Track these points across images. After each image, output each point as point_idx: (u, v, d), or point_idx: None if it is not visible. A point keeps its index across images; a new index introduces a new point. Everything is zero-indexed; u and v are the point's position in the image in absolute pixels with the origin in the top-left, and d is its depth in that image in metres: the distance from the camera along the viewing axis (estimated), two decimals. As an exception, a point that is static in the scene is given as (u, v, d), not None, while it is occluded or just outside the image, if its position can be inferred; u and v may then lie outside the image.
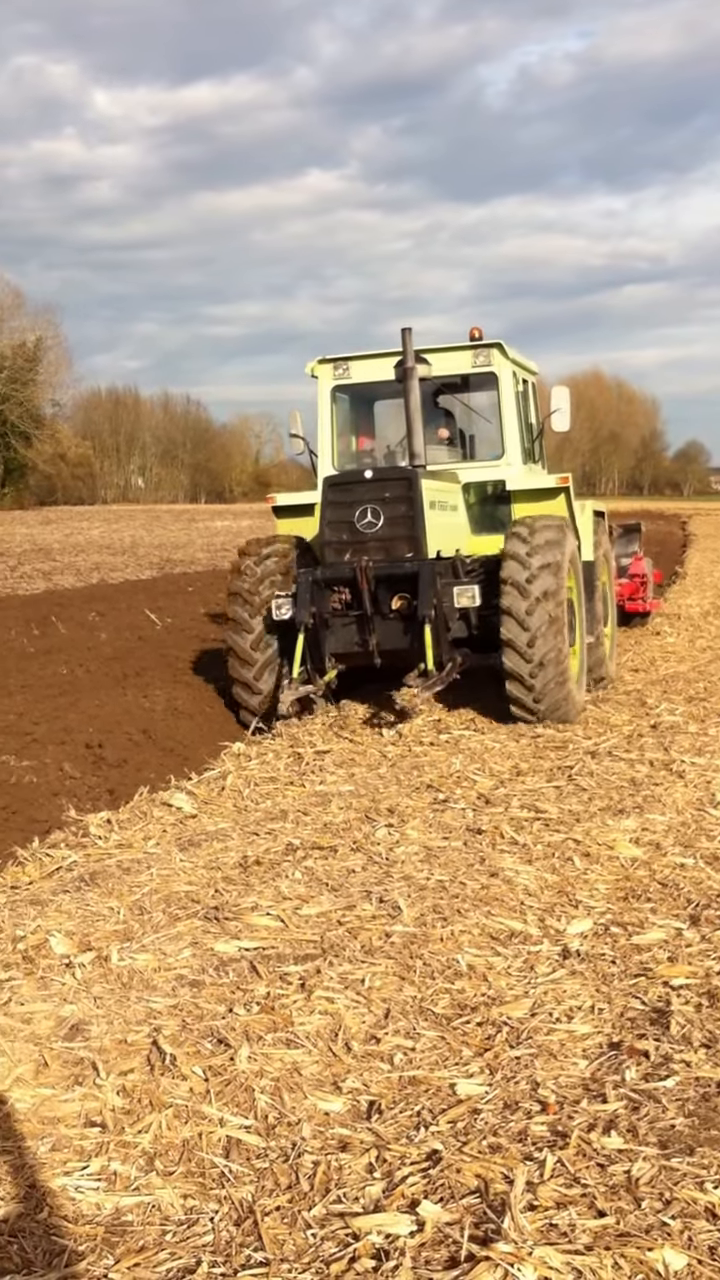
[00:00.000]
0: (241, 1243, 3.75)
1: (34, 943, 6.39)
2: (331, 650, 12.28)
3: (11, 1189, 4.13)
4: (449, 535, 12.71)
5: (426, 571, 11.69)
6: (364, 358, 13.80)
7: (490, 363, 13.35)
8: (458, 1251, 3.54)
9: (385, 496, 11.92)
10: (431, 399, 13.88)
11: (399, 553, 11.92)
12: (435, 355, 13.30)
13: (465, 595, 11.91)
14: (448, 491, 12.87)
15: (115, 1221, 3.92)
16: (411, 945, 6.19)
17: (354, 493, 12.04)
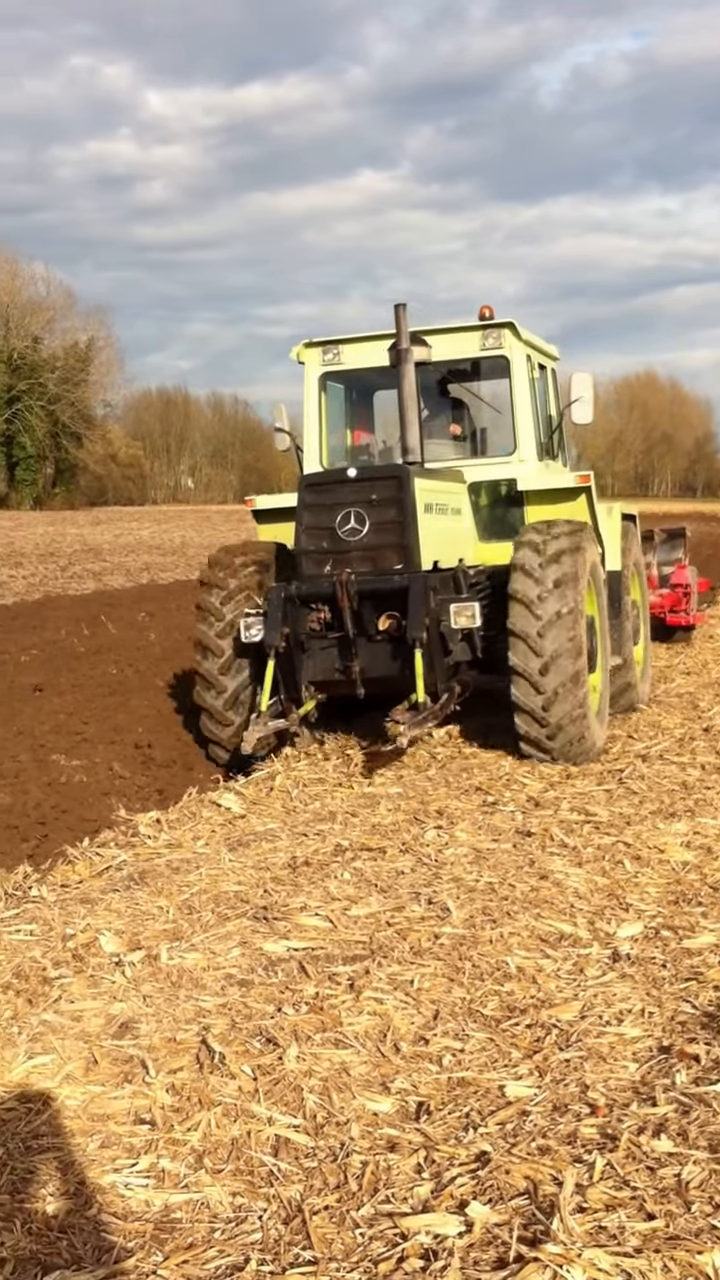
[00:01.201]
0: (290, 1241, 3.77)
1: (84, 941, 6.44)
2: (309, 678, 10.59)
3: (61, 1185, 4.17)
4: (450, 543, 11.11)
5: (418, 586, 9.99)
6: (357, 340, 12.22)
7: (500, 345, 11.78)
8: (506, 1252, 3.55)
9: (371, 499, 10.29)
10: (439, 388, 12.51)
11: (387, 564, 10.26)
12: (438, 337, 11.75)
13: (464, 614, 10.19)
14: (449, 493, 11.26)
15: (164, 1219, 3.95)
16: (460, 947, 6.19)
17: (335, 494, 10.39)
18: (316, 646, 10.53)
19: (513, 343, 11.79)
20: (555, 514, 11.30)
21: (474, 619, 10.16)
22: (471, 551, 11.67)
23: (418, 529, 10.21)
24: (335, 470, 11.23)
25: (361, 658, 10.33)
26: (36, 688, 12.79)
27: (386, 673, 10.33)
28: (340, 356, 12.25)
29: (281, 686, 10.46)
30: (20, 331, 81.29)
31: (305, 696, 10.56)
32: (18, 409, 79.44)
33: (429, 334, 11.61)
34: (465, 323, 11.83)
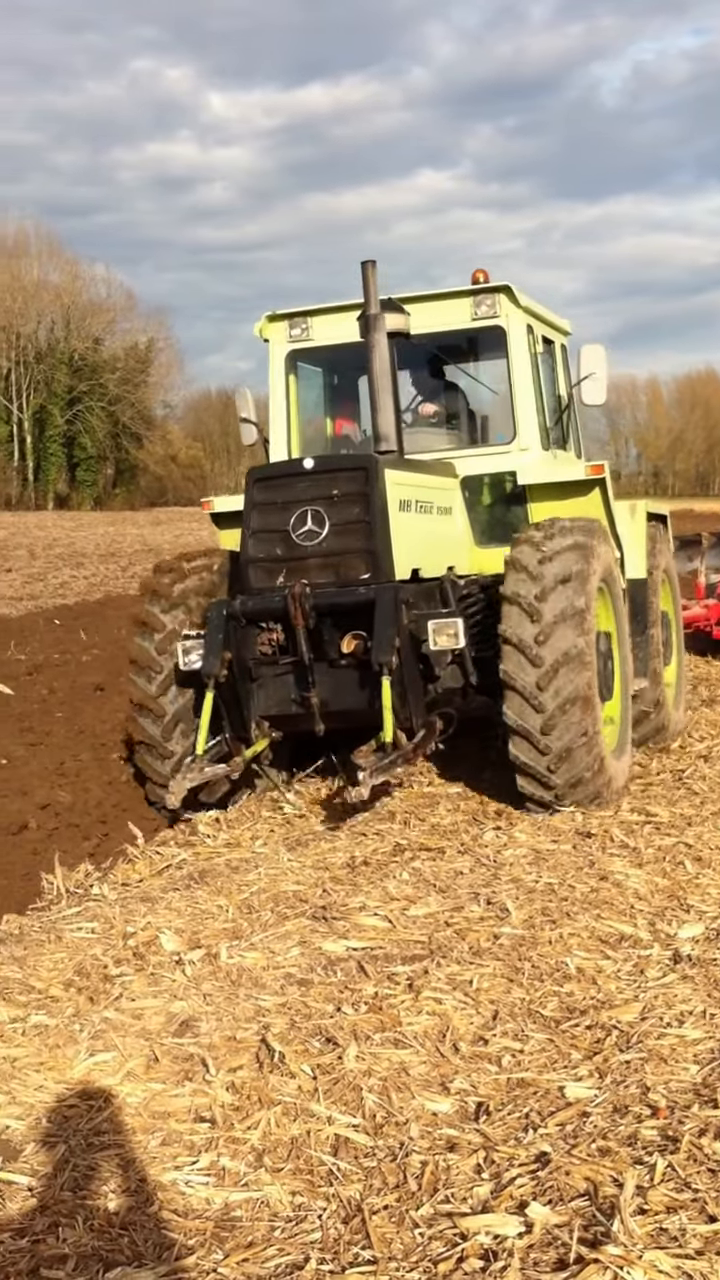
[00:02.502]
0: (349, 1240, 3.78)
1: (144, 939, 6.48)
2: (260, 712, 8.93)
3: (122, 1182, 4.19)
4: (436, 548, 9.45)
5: (386, 599, 8.32)
6: (330, 311, 10.45)
7: (495, 313, 10.04)
8: (566, 1254, 3.53)
9: (332, 495, 8.63)
10: (428, 365, 10.83)
11: (352, 573, 8.58)
12: (421, 306, 10.00)
13: (445, 632, 8.52)
14: (435, 488, 9.61)
15: (224, 1217, 3.97)
16: (520, 947, 6.17)
17: (288, 490, 8.74)
18: (268, 674, 8.88)
19: (510, 310, 10.09)
20: (564, 512, 9.62)
21: (457, 638, 8.50)
22: (465, 558, 10.02)
23: (389, 530, 8.58)
24: (289, 462, 9.57)
25: (321, 687, 8.70)
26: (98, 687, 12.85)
27: (352, 705, 8.66)
28: (310, 331, 10.54)
29: (227, 723, 8.89)
30: (81, 333, 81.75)
31: (255, 734, 8.94)
32: (79, 410, 79.94)
33: (409, 301, 9.94)
34: (452, 288, 10.21)
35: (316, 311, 10.50)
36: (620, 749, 9.36)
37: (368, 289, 9.12)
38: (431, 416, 10.72)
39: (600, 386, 10.02)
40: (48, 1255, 3.73)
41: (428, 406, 10.75)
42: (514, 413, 10.18)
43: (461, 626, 8.51)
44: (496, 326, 10.11)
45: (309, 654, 8.55)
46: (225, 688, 8.73)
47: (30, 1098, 4.83)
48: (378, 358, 9.07)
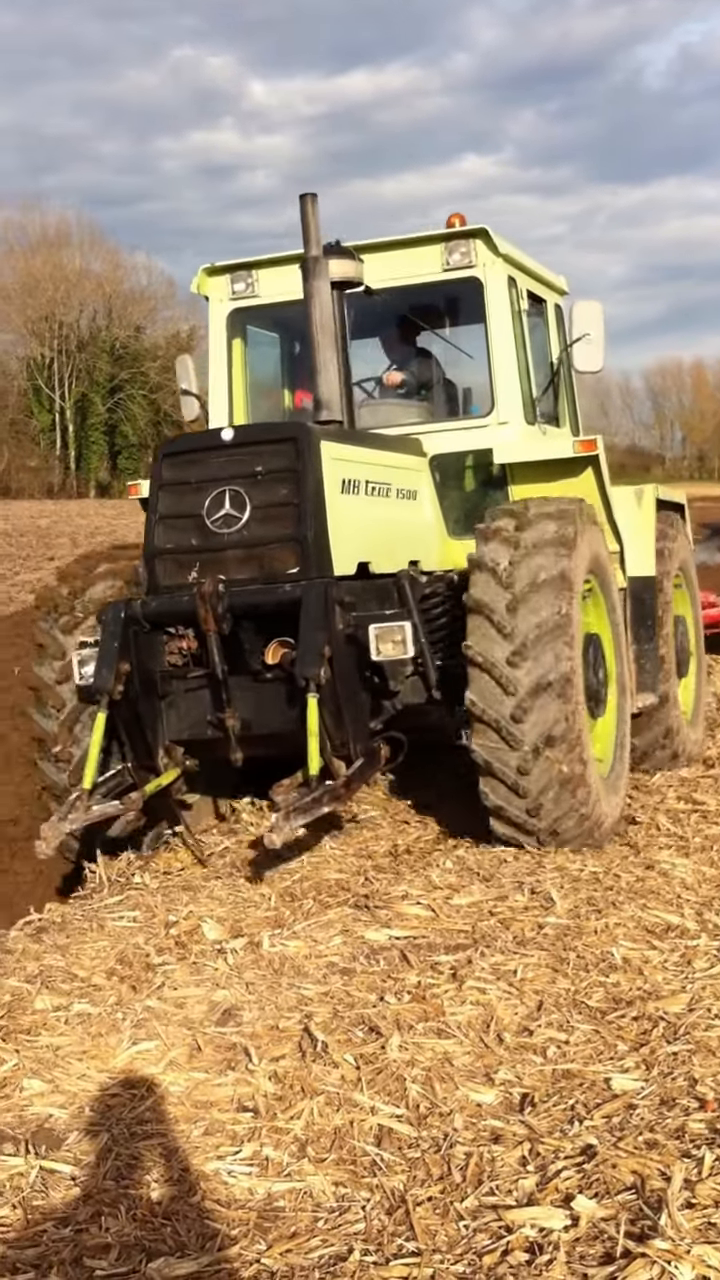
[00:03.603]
0: (393, 1232, 3.76)
1: (187, 928, 6.49)
2: (170, 735, 7.54)
3: (165, 1172, 4.19)
4: (395, 538, 8.09)
5: (314, 599, 6.93)
6: (280, 262, 9.00)
7: (471, 262, 8.68)
8: (613, 1248, 3.50)
9: (255, 473, 7.21)
10: (395, 326, 9.50)
11: (279, 566, 7.19)
12: (385, 256, 8.74)
13: (389, 639, 7.07)
14: (392, 468, 8.22)
15: (267, 1207, 3.96)
16: (565, 937, 6.14)
17: (203, 467, 7.35)
18: (179, 690, 7.50)
19: (487, 259, 8.72)
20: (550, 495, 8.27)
21: (405, 645, 7.04)
22: (434, 550, 8.64)
23: (325, 515, 7.20)
24: (203, 433, 8.07)
25: (240, 706, 7.28)
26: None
27: (280, 727, 7.16)
28: (257, 286, 9.18)
29: (128, 749, 7.46)
30: (123, 321, 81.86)
31: (164, 763, 7.51)
32: (120, 398, 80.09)
33: (370, 250, 8.61)
34: (421, 233, 8.85)
35: (263, 263, 9.12)
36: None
37: (307, 228, 7.67)
38: (399, 386, 9.39)
39: (597, 350, 8.65)
40: (90, 1245, 3.74)
41: (394, 375, 9.39)
42: (492, 380, 8.81)
43: (410, 632, 7.06)
44: (472, 278, 8.74)
45: (222, 665, 7.15)
46: (125, 708, 7.26)
47: (73, 1086, 4.84)
48: (318, 309, 7.70)
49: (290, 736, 6.89)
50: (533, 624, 7.14)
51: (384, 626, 7.10)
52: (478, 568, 7.37)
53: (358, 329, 8.97)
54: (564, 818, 7.23)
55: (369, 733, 7.37)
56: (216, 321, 9.32)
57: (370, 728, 7.43)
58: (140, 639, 7.30)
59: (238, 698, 7.27)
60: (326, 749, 6.81)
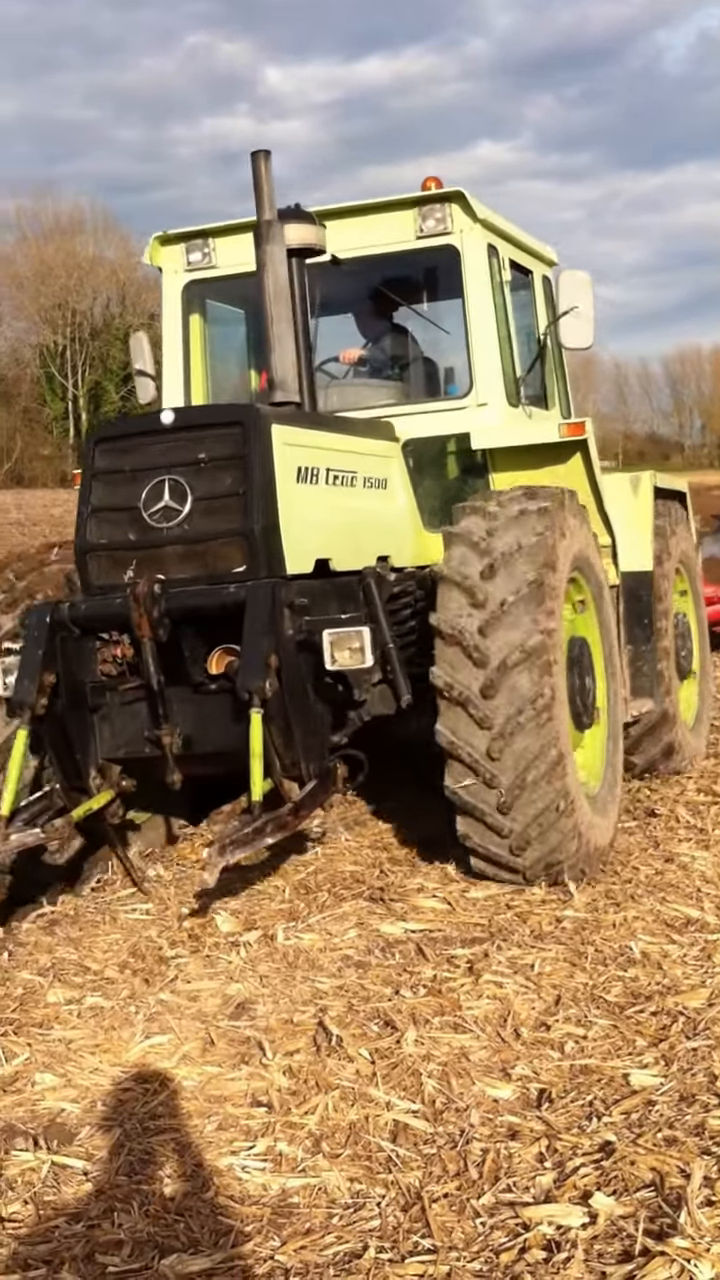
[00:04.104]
0: (409, 1229, 3.75)
1: (200, 921, 6.48)
2: (106, 753, 6.70)
3: (178, 1167, 4.19)
4: (360, 532, 7.34)
5: (259, 601, 6.19)
6: (240, 230, 8.17)
7: (446, 228, 8.02)
8: (631, 1245, 3.49)
9: (198, 460, 6.47)
10: (370, 301, 8.85)
11: (224, 565, 6.44)
12: (354, 222, 8.13)
13: (345, 646, 6.24)
14: (358, 454, 7.54)
15: (281, 1203, 3.95)
16: (583, 931, 6.12)
17: (139, 454, 6.62)
18: (114, 702, 6.69)
19: (465, 225, 8.03)
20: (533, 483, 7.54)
21: (363, 654, 6.20)
22: (407, 544, 7.93)
23: (277, 506, 6.47)
24: (140, 417, 7.62)
25: (180, 721, 6.51)
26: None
27: (225, 744, 6.37)
28: (215, 256, 8.46)
29: (55, 768, 6.68)
30: (136, 309, 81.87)
31: (96, 784, 6.65)
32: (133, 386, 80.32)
33: (337, 216, 8.02)
34: (393, 196, 8.13)
35: (221, 230, 8.40)
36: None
37: (260, 189, 6.97)
38: (360, 364, 8.78)
39: (586, 325, 8.06)
40: (103, 1241, 3.73)
41: (351, 351, 8.80)
42: (470, 358, 8.12)
43: (369, 638, 6.23)
44: (448, 246, 8.07)
45: (158, 676, 6.37)
46: (50, 722, 6.49)
47: (86, 1080, 4.84)
48: (272, 278, 6.97)
49: (237, 755, 6.11)
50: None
51: (339, 632, 6.27)
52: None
53: (327, 303, 8.46)
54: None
55: (324, 751, 6.57)
56: (171, 295, 8.65)
57: (331, 743, 6.67)
58: (69, 646, 6.49)
59: (177, 712, 6.50)
60: (276, 770, 6.18)
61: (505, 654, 6.40)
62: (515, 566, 6.55)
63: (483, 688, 6.41)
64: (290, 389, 7.05)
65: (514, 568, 6.54)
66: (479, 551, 6.64)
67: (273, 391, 7.02)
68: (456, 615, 6.53)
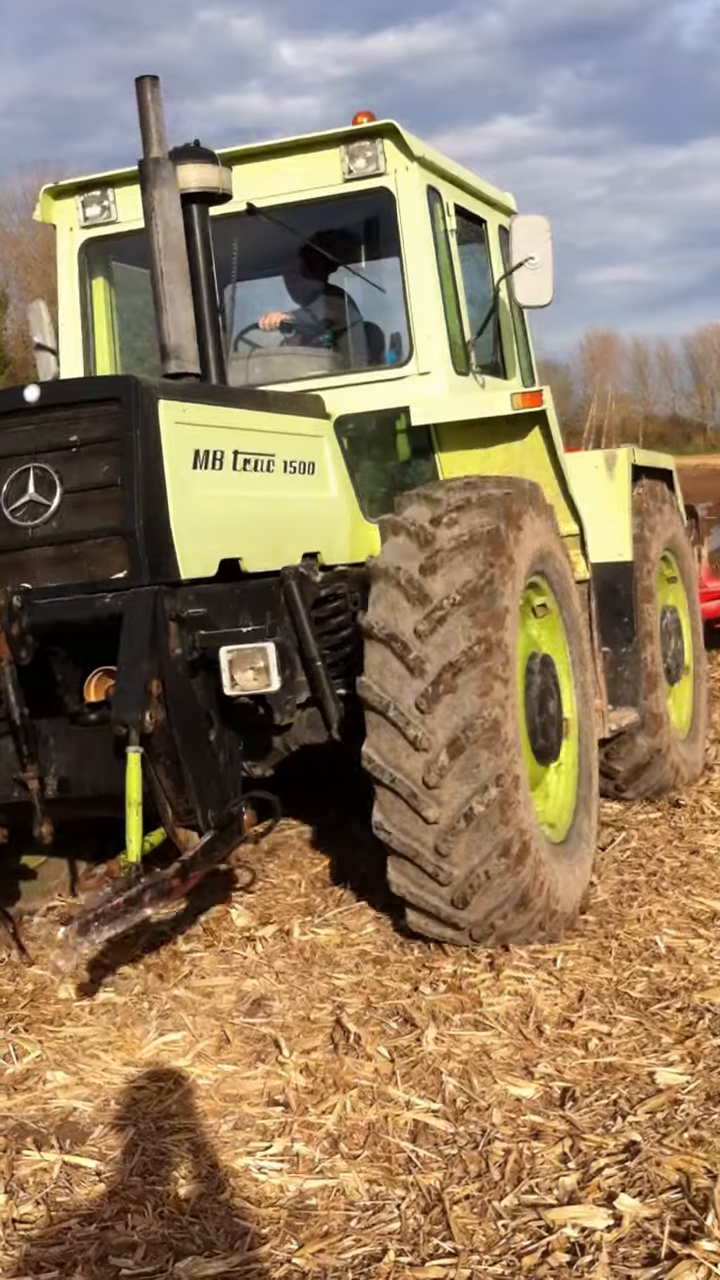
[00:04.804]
0: (429, 1231, 3.73)
1: (215, 915, 6.48)
2: None
3: (193, 1168, 4.18)
4: (281, 525, 6.35)
5: (137, 615, 5.23)
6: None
7: (379, 168, 7.05)
8: (657, 1248, 3.47)
9: (70, 444, 5.50)
10: (300, 258, 7.86)
11: (100, 569, 5.47)
12: (273, 164, 7.22)
13: (245, 665, 5.24)
14: (276, 433, 6.52)
15: (299, 1205, 3.93)
16: (606, 925, 6.10)
17: (3, 437, 5.59)
18: None
19: (399, 163, 7.07)
20: (491, 466, 6.92)
21: (266, 676, 5.22)
22: (341, 538, 6.96)
23: (166, 498, 5.47)
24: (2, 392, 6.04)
25: (52, 759, 5.59)
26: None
27: (108, 786, 5.34)
28: (115, 209, 7.49)
29: None
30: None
31: None
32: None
33: (248, 156, 7.18)
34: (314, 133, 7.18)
35: (124, 179, 7.35)
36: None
37: (145, 122, 6.02)
38: (288, 330, 7.87)
39: (544, 278, 6.98)
40: (116, 1243, 3.73)
41: (272, 315, 7.84)
42: (409, 320, 7.15)
43: (274, 656, 5.22)
44: (380, 189, 7.11)
45: (20, 708, 5.37)
46: None
47: (98, 1079, 4.84)
48: (160, 228, 6.01)
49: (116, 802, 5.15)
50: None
51: (239, 649, 5.26)
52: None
53: (250, 262, 7.68)
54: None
55: (230, 792, 5.59)
56: (66, 256, 7.67)
57: (240, 779, 5.76)
58: None
59: (48, 748, 5.56)
60: (167, 817, 5.27)
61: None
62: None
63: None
64: (186, 358, 6.07)
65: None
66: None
67: (165, 362, 6.07)
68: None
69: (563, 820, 6.46)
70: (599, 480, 7.95)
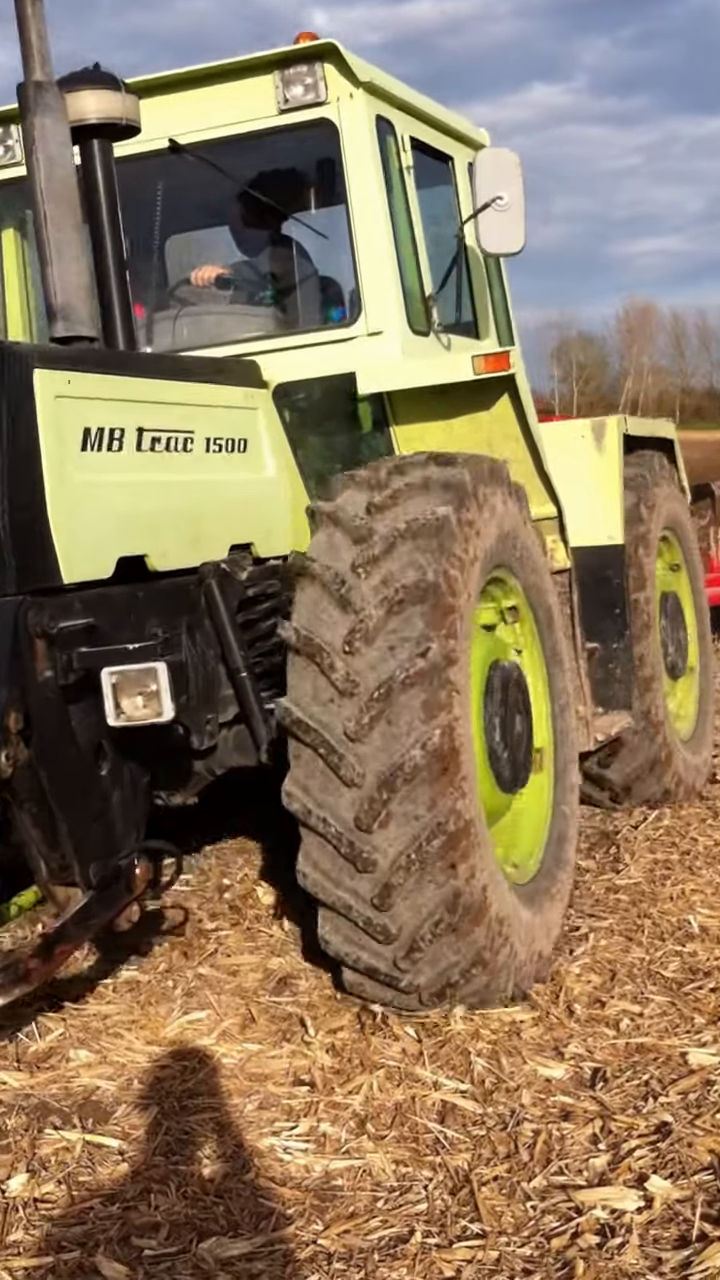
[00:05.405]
0: (457, 1213, 3.73)
1: (241, 893, 6.48)
2: None
3: (217, 1148, 4.19)
4: (205, 513, 5.47)
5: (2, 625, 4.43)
6: None
7: (318, 96, 6.15)
8: (689, 1230, 3.46)
9: None
10: (240, 204, 6.90)
11: None
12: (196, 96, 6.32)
13: (134, 690, 4.39)
14: (195, 404, 5.59)
15: (324, 1186, 3.94)
16: (639, 904, 6.08)
17: None
18: None
19: (342, 91, 6.17)
20: (452, 441, 6.07)
21: (158, 702, 4.37)
22: (281, 526, 6.06)
23: (42, 486, 4.57)
24: None
25: None
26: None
27: None
28: (20, 148, 6.34)
29: None
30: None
31: None
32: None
33: (167, 86, 6.33)
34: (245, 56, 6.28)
35: None
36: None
37: (26, 40, 5.08)
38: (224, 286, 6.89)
39: (514, 222, 6.17)
40: (139, 1223, 3.73)
41: (206, 269, 6.89)
42: (357, 271, 6.26)
43: (165, 679, 4.37)
44: (321, 120, 6.22)
45: None
46: None
47: (121, 1057, 4.84)
48: (43, 164, 5.07)
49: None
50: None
51: (123, 672, 4.40)
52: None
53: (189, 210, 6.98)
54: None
55: (116, 842, 4.79)
56: None
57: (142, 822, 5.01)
58: None
59: None
60: (40, 874, 4.67)
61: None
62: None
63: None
64: (77, 319, 5.18)
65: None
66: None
67: (52, 324, 5.21)
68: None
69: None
70: (586, 453, 7.20)
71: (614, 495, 7.16)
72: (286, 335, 6.50)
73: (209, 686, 5.18)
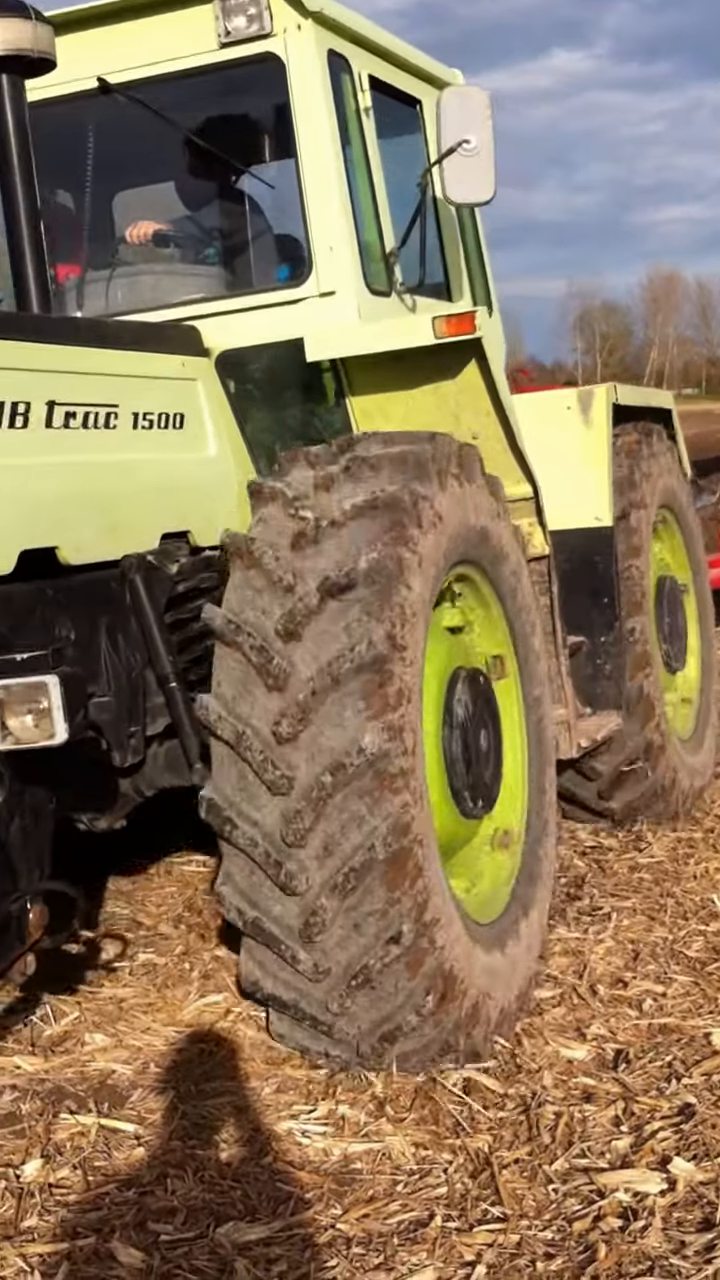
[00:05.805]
0: (477, 1196, 3.73)
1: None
2: None
3: (235, 1132, 4.19)
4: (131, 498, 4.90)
5: None
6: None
7: (262, 27, 5.50)
8: (712, 1213, 3.46)
9: None
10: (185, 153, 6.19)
11: None
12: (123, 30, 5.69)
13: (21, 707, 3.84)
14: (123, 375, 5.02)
15: (343, 1169, 3.94)
16: (662, 883, 6.07)
17: None
18: None
19: (289, 21, 5.53)
20: (413, 414, 5.60)
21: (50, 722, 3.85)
22: (224, 509, 5.42)
23: None
24: None
25: None
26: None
27: None
28: None
29: None
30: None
31: None
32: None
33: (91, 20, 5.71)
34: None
35: None
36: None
37: None
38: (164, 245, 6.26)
39: (483, 168, 5.53)
40: (156, 1208, 3.73)
41: (143, 225, 6.24)
42: (306, 223, 5.65)
43: (58, 694, 3.84)
44: (265, 55, 5.59)
45: None
46: None
47: (138, 1040, 4.85)
48: None
49: None
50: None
51: (7, 686, 3.87)
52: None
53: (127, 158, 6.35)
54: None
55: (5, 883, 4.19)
56: None
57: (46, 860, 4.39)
58: None
59: None
60: None
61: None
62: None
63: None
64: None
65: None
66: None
67: None
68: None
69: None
70: (571, 425, 6.60)
71: (602, 472, 6.56)
72: (230, 297, 5.86)
73: (133, 696, 4.73)
